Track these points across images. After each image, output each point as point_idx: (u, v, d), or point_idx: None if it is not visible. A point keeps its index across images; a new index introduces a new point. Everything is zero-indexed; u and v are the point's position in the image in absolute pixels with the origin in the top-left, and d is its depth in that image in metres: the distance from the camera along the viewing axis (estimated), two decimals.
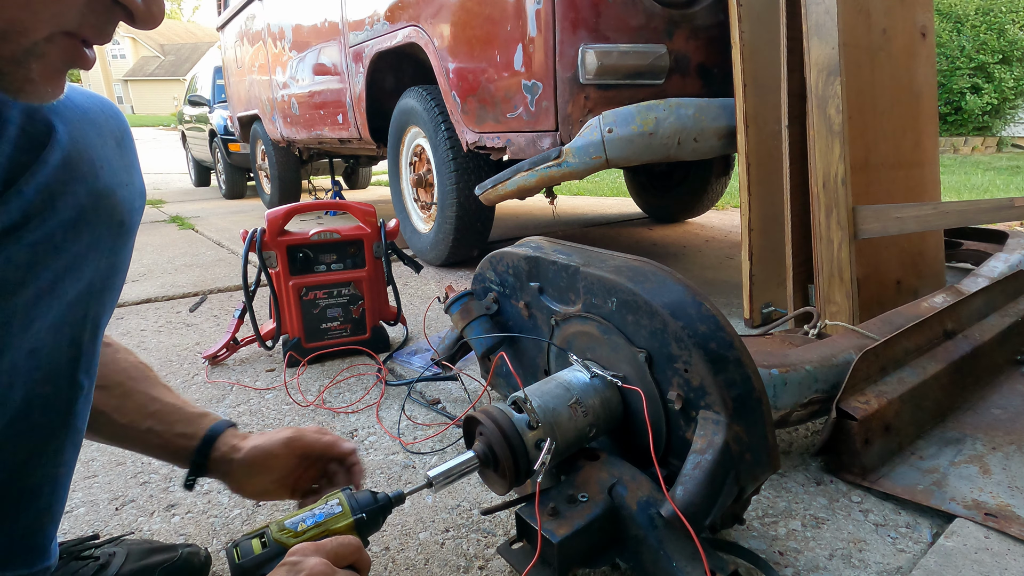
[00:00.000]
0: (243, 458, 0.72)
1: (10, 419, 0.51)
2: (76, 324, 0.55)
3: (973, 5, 9.10)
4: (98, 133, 0.54)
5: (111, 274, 0.57)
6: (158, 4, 0.43)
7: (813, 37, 1.35)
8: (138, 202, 0.59)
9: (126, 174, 0.57)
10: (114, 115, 0.58)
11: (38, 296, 0.49)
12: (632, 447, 0.79)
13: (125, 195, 0.56)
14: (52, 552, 0.60)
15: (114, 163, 0.55)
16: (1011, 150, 8.70)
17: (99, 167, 0.53)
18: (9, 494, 0.54)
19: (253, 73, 4.16)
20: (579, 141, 1.64)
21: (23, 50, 0.39)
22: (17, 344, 0.50)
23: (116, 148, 0.56)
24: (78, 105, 0.53)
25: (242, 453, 0.72)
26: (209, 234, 3.68)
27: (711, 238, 3.10)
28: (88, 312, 0.56)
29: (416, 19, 2.19)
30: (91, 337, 0.57)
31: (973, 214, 1.23)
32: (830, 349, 1.07)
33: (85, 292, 0.54)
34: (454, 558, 0.80)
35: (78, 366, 0.56)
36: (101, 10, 0.41)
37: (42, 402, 0.54)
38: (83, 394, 0.58)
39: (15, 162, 0.46)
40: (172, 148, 14.18)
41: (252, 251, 1.41)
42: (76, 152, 0.50)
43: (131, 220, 0.58)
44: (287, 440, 0.74)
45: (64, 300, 0.52)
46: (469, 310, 1.08)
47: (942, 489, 0.89)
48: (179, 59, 39.92)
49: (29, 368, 0.52)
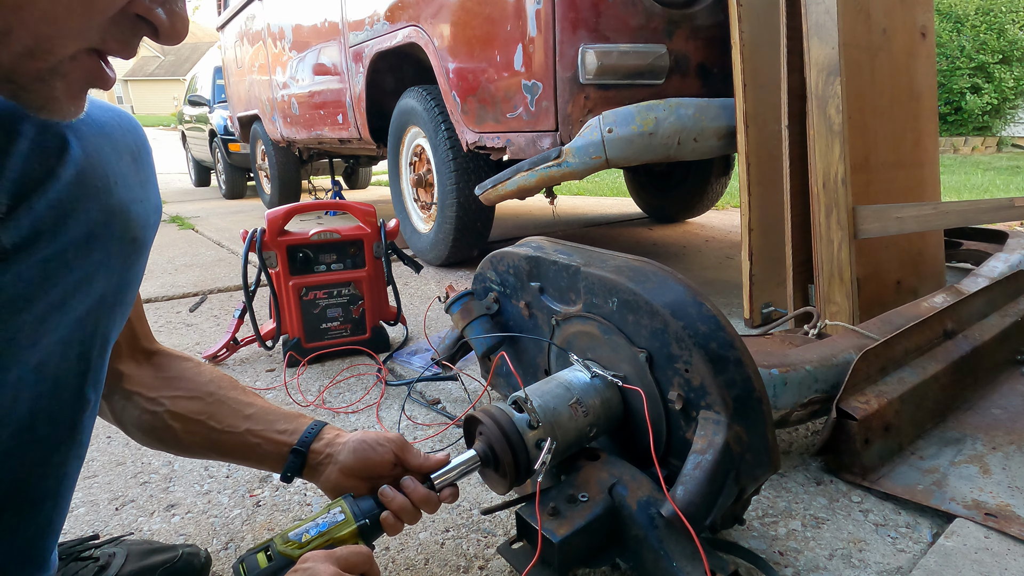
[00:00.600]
0: (348, 443, 0.72)
1: (14, 432, 0.51)
2: (85, 339, 0.54)
3: (973, 5, 9.10)
4: (113, 148, 0.53)
5: (122, 289, 0.57)
6: (182, 21, 0.43)
7: (813, 37, 1.35)
8: (153, 217, 0.59)
9: (141, 189, 0.56)
10: (132, 129, 0.57)
11: (47, 312, 0.49)
12: (632, 447, 0.79)
13: (139, 211, 0.55)
14: (52, 563, 0.60)
15: (129, 179, 0.54)
16: (1011, 150, 8.70)
17: (113, 183, 0.52)
18: (11, 506, 0.54)
19: (253, 73, 4.16)
20: (579, 141, 1.64)
21: (48, 68, 0.40)
22: (24, 359, 0.49)
23: (132, 163, 0.55)
24: (95, 119, 0.52)
25: (346, 439, 0.73)
26: (209, 234, 3.68)
27: (711, 238, 3.10)
28: (98, 327, 0.55)
29: (416, 19, 2.19)
30: (100, 352, 0.57)
31: (973, 214, 1.23)
32: (830, 349, 1.07)
33: (95, 307, 0.54)
34: (454, 558, 0.80)
35: (86, 380, 0.56)
36: (127, 25, 0.41)
37: (47, 416, 0.53)
38: (89, 408, 0.58)
39: (27, 177, 0.46)
40: (172, 148, 14.18)
41: (252, 251, 1.41)
42: (90, 167, 0.50)
43: (144, 236, 0.57)
44: (390, 439, 0.74)
45: (73, 316, 0.52)
46: (469, 310, 1.08)
47: (942, 489, 0.89)
48: (179, 59, 39.92)
49: (35, 382, 0.51)
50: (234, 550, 0.84)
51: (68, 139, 0.48)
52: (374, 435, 0.73)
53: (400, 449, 0.73)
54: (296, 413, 0.77)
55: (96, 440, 1.15)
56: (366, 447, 0.71)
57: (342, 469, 0.71)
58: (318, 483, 0.73)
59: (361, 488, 0.71)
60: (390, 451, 0.72)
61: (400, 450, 0.73)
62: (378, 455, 0.71)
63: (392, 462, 0.72)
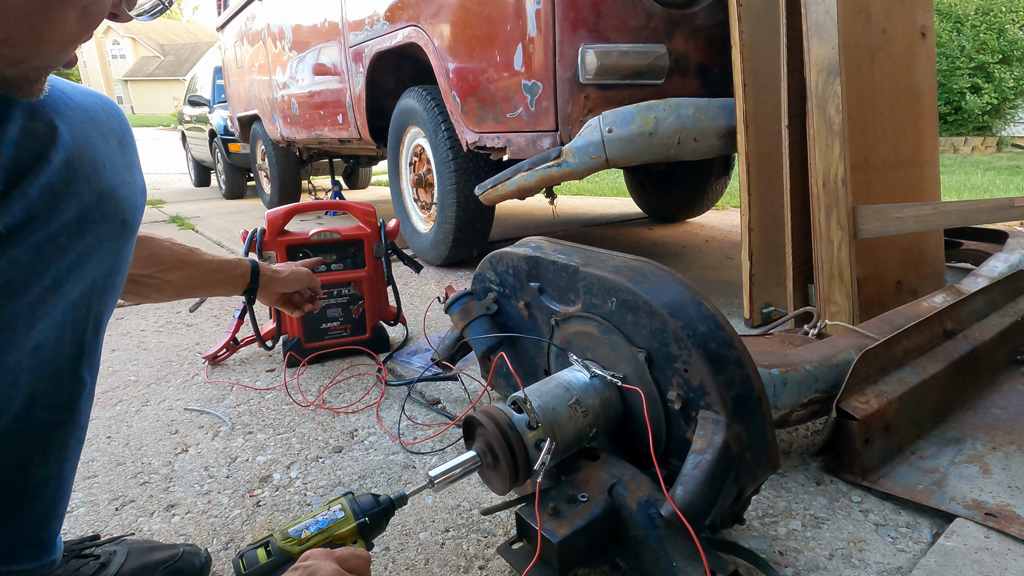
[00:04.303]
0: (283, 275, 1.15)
1: (14, 416, 0.52)
2: (79, 322, 0.55)
3: (973, 5, 9.10)
4: (100, 132, 0.54)
5: (113, 272, 0.58)
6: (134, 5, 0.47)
7: (813, 37, 1.35)
8: (140, 200, 0.60)
9: (128, 173, 0.57)
10: (115, 114, 0.58)
11: (42, 295, 0.50)
12: (632, 447, 0.79)
13: (127, 193, 0.56)
14: (57, 546, 0.61)
15: (116, 162, 0.55)
16: (1011, 150, 8.70)
17: (102, 166, 0.53)
18: (14, 490, 0.55)
19: (253, 73, 4.16)
20: (579, 141, 1.64)
21: (44, 70, 0.43)
22: (21, 343, 0.50)
23: (118, 147, 0.57)
24: (80, 104, 0.53)
25: (278, 266, 1.17)
26: (209, 234, 3.68)
27: (711, 238, 3.10)
28: (91, 310, 0.56)
29: (416, 19, 2.19)
30: (93, 334, 0.58)
31: (973, 214, 1.23)
32: (830, 349, 1.07)
33: (88, 290, 0.55)
34: (454, 558, 0.80)
35: (81, 363, 0.57)
36: (96, 24, 0.44)
37: (46, 399, 0.54)
38: (86, 390, 0.59)
39: (18, 162, 0.46)
40: (172, 148, 14.18)
41: (252, 251, 1.41)
42: (79, 152, 0.51)
43: (133, 218, 0.58)
44: (308, 274, 1.22)
45: (68, 299, 0.52)
46: (469, 310, 1.08)
47: (942, 489, 0.89)
48: (179, 59, 39.90)
49: (33, 366, 0.52)
50: (234, 550, 0.84)
51: (56, 124, 0.49)
52: (298, 266, 1.22)
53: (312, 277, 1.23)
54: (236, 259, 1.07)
55: (96, 440, 1.15)
56: (295, 266, 1.20)
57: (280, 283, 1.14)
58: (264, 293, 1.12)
59: (288, 306, 1.22)
60: (310, 275, 1.22)
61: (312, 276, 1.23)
62: (301, 274, 1.20)
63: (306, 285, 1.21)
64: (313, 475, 1.01)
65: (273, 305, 1.24)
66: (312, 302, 1.26)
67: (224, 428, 1.19)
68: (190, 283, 0.93)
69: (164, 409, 1.29)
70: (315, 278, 1.26)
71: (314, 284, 1.25)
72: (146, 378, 1.47)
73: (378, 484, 0.99)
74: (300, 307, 1.24)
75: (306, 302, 1.25)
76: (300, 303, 1.24)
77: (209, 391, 1.37)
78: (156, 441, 1.15)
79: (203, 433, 1.17)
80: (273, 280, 1.14)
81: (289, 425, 1.19)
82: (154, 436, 1.17)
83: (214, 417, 1.24)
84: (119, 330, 1.85)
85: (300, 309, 1.24)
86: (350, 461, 1.05)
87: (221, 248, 3.21)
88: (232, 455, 1.09)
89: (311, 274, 1.24)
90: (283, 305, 1.23)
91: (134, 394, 1.37)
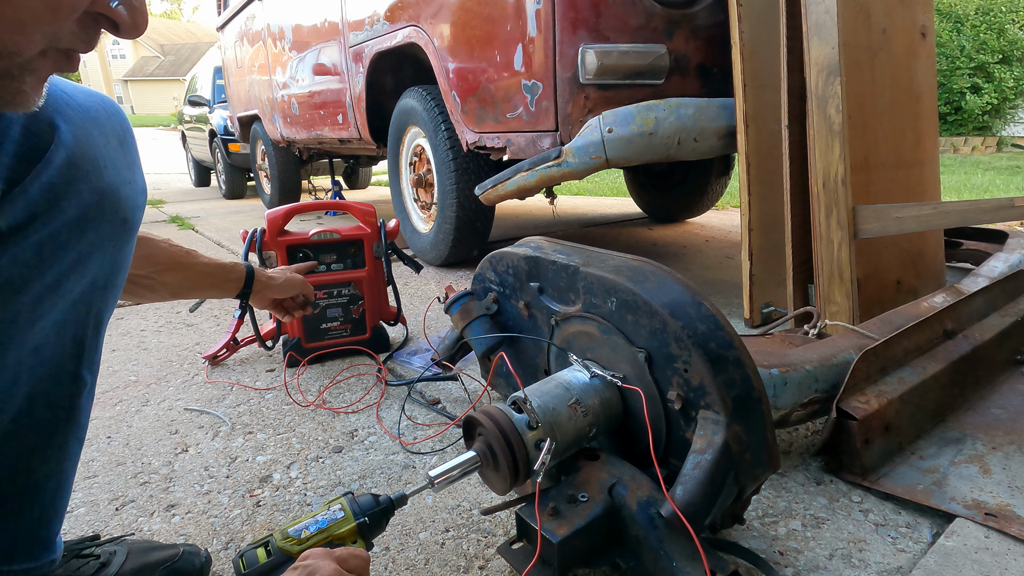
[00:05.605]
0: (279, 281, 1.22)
1: (14, 415, 0.52)
2: (80, 321, 0.55)
3: (973, 5, 9.10)
4: (101, 132, 0.54)
5: (114, 271, 0.58)
6: (142, 15, 0.44)
7: (813, 37, 1.35)
8: (140, 199, 0.60)
9: (128, 172, 0.57)
10: (115, 113, 0.58)
11: (43, 294, 0.50)
12: (632, 447, 0.79)
13: (128, 193, 0.56)
14: (57, 546, 0.61)
15: (117, 161, 0.55)
16: (1011, 150, 8.70)
17: (102, 166, 0.53)
18: (14, 489, 0.55)
19: (253, 73, 4.16)
20: (579, 141, 1.64)
21: (17, 65, 0.40)
22: (21, 341, 0.50)
23: (119, 146, 0.57)
24: (80, 104, 0.53)
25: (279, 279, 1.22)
26: (209, 234, 3.68)
27: (711, 238, 3.10)
28: (91, 309, 0.56)
29: (416, 19, 2.19)
30: (94, 333, 0.58)
31: (973, 214, 1.23)
32: (830, 349, 1.07)
33: (88, 289, 0.55)
34: (454, 558, 0.80)
35: (81, 362, 0.57)
36: (88, 23, 0.42)
37: (46, 398, 0.54)
38: (86, 389, 0.59)
39: (20, 161, 0.47)
40: (172, 148, 14.18)
41: (252, 251, 1.41)
42: (80, 151, 0.51)
43: (134, 217, 0.58)
44: (302, 281, 1.28)
45: (68, 298, 0.53)
46: (469, 310, 1.08)
47: (942, 489, 0.89)
48: (179, 59, 39.91)
49: (33, 365, 0.52)
50: (234, 550, 0.84)
51: (57, 124, 0.49)
52: (292, 272, 1.28)
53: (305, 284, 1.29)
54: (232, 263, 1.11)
55: (96, 440, 1.15)
56: (289, 273, 1.26)
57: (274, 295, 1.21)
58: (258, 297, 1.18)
59: (280, 311, 1.29)
60: (304, 282, 1.29)
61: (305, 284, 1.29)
62: (295, 280, 1.26)
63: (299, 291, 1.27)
64: (313, 475, 1.01)
65: (265, 309, 1.29)
66: (304, 308, 1.31)
67: (224, 428, 1.19)
68: (185, 285, 0.96)
69: (164, 409, 1.29)
70: (309, 285, 1.30)
71: (307, 291, 1.29)
72: (146, 378, 1.47)
73: (378, 484, 0.99)
74: (291, 312, 1.30)
75: (298, 308, 1.30)
76: (292, 308, 1.30)
77: (209, 391, 1.37)
78: (156, 441, 1.15)
79: (203, 433, 1.17)
80: (267, 286, 1.19)
81: (289, 425, 1.19)
82: (154, 436, 1.17)
83: (214, 417, 1.24)
84: (119, 330, 1.85)
85: (291, 314, 1.30)
86: (350, 461, 1.05)
87: (221, 248, 3.21)
88: (232, 455, 1.09)
89: (305, 281, 1.28)
90: (275, 309, 1.28)
91: (134, 394, 1.37)
